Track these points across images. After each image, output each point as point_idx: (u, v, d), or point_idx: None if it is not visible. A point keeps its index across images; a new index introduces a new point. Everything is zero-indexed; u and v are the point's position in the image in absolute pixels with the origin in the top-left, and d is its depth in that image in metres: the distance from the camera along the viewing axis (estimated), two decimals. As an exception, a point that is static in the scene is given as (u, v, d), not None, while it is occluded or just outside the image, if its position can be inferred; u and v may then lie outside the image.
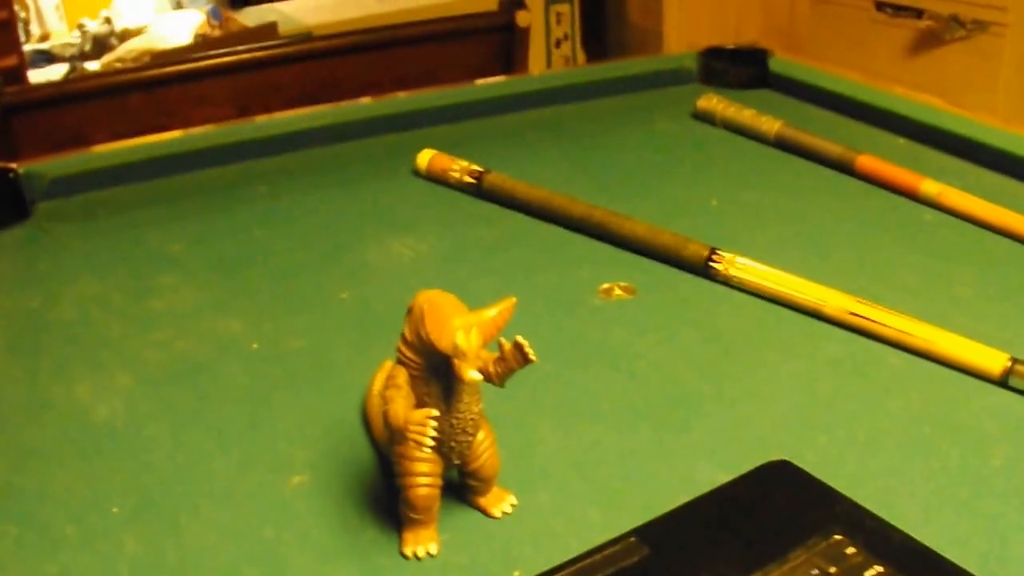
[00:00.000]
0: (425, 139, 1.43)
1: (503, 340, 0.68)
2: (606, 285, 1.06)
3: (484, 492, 0.73)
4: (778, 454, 0.77)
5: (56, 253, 1.21)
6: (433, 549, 0.69)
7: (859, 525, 0.67)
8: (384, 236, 1.21)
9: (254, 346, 0.98)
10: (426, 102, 1.56)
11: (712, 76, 1.68)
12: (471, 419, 0.69)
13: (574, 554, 0.67)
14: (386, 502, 0.74)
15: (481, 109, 1.58)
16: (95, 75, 3.10)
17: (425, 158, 1.36)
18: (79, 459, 0.82)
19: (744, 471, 0.74)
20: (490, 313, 0.65)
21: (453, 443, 0.69)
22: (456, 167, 1.32)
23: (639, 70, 1.70)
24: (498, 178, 1.28)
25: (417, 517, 0.69)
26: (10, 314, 1.08)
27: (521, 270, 1.12)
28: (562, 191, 1.23)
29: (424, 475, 0.68)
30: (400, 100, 1.59)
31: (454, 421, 0.68)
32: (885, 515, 0.68)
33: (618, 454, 0.80)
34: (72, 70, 3.69)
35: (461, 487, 0.74)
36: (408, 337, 0.67)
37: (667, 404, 0.87)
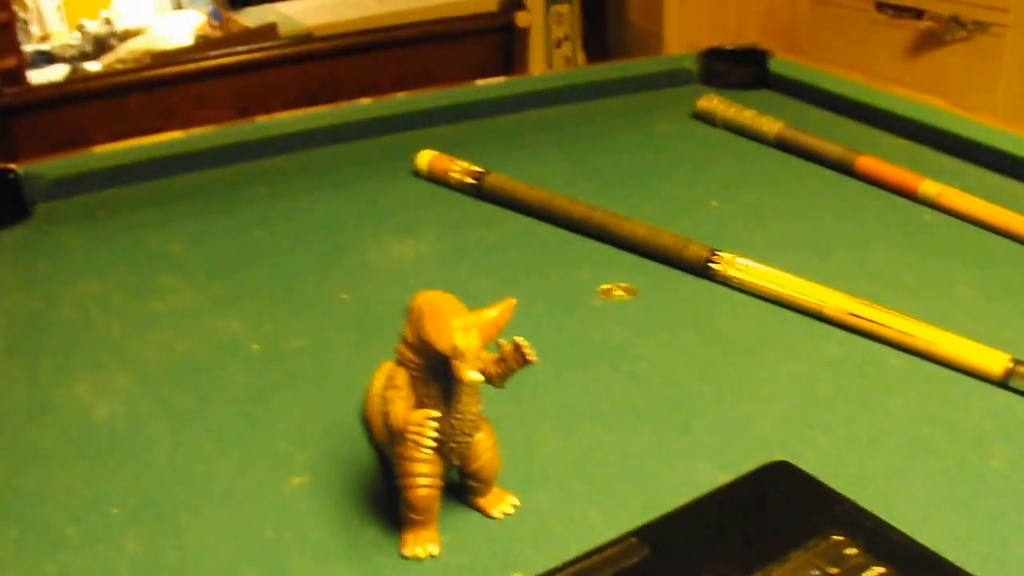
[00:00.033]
0: (425, 140, 1.43)
1: (503, 341, 0.68)
2: (606, 286, 1.06)
3: (484, 493, 0.73)
4: (778, 455, 0.77)
5: (56, 254, 1.21)
6: (433, 550, 0.69)
7: (859, 526, 0.67)
8: (384, 237, 1.21)
9: (254, 347, 0.98)
10: (426, 103, 1.56)
11: (712, 77, 1.68)
12: (471, 420, 0.69)
13: (574, 555, 0.67)
14: (386, 503, 0.74)
15: (481, 110, 1.58)
16: (95, 76, 3.10)
17: (425, 159, 1.36)
18: (79, 460, 0.82)
19: (744, 472, 0.74)
20: (490, 314, 0.65)
21: (453, 444, 0.69)
22: (456, 168, 1.32)
23: (639, 71, 1.70)
24: (498, 179, 1.28)
25: (417, 518, 0.69)
26: (10, 315, 1.08)
27: (521, 271, 1.12)
28: (562, 192, 1.23)
29: (424, 476, 0.68)
30: (400, 101, 1.59)
31: (454, 422, 0.68)
32: (885, 516, 0.68)
33: (618, 455, 0.80)
34: (72, 71, 3.68)
35: (461, 488, 0.74)
36: (408, 338, 0.67)
37: (667, 405, 0.87)
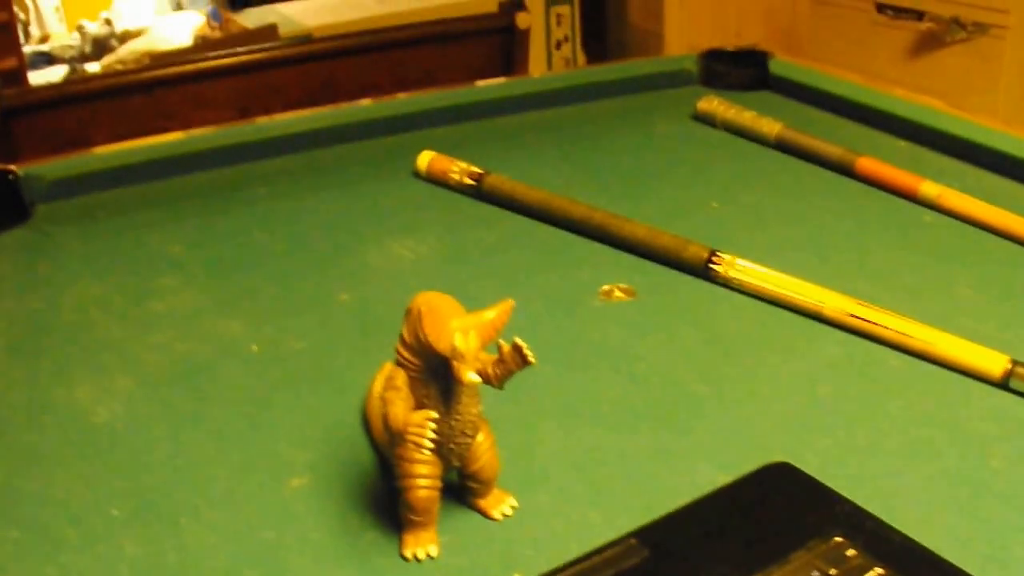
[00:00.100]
0: (425, 141, 1.43)
1: (502, 342, 0.68)
2: (606, 287, 1.06)
3: (484, 494, 0.73)
4: (778, 456, 0.77)
5: (56, 255, 1.21)
6: (433, 551, 0.69)
7: (859, 527, 0.67)
8: (384, 238, 1.21)
9: (254, 348, 0.98)
10: (426, 104, 1.56)
11: (713, 78, 1.68)
12: (470, 421, 0.69)
13: (574, 556, 0.67)
14: (386, 504, 0.74)
15: (481, 111, 1.58)
16: (95, 77, 3.10)
17: (425, 160, 1.36)
18: (79, 461, 0.82)
19: (744, 473, 0.74)
20: (488, 315, 0.65)
21: (452, 445, 0.69)
22: (456, 169, 1.32)
23: (639, 72, 1.70)
24: (498, 180, 1.28)
25: (417, 519, 0.69)
26: (10, 316, 1.08)
27: (521, 272, 1.12)
28: (562, 193, 1.23)
29: (424, 477, 0.68)
30: (400, 102, 1.59)
31: (453, 423, 0.68)
32: (885, 517, 0.68)
33: (618, 456, 0.80)
34: (72, 72, 3.68)
35: (461, 489, 0.74)
36: (407, 339, 0.67)
37: (667, 406, 0.87)
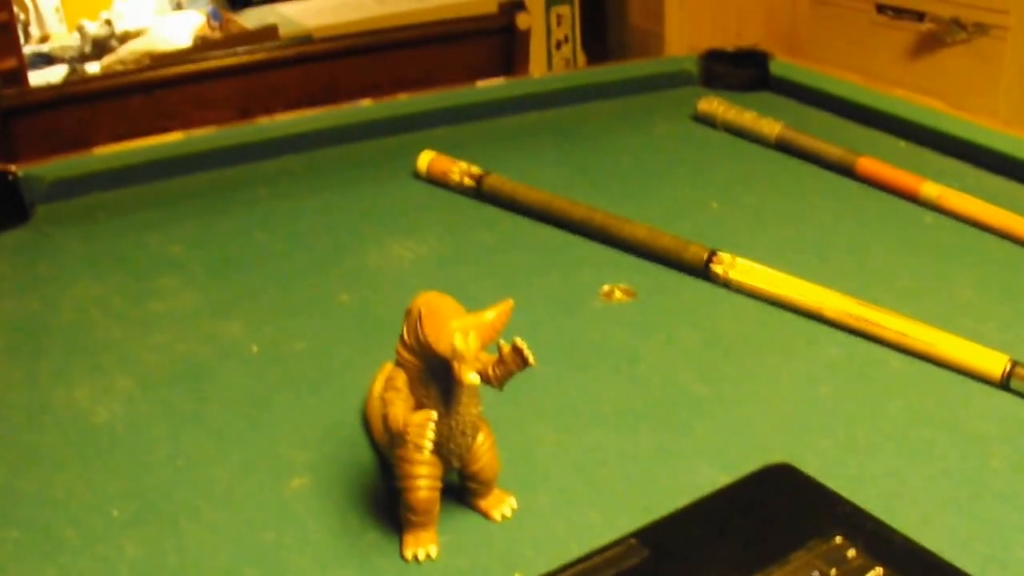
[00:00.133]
0: (425, 141, 1.43)
1: (502, 343, 0.68)
2: (607, 287, 1.06)
3: (484, 495, 0.73)
4: (779, 456, 0.77)
5: (56, 256, 1.21)
6: (433, 552, 0.69)
7: (860, 527, 0.67)
8: (384, 238, 1.21)
9: (254, 348, 0.98)
10: (426, 104, 1.56)
11: (713, 79, 1.68)
12: (470, 421, 0.69)
13: (574, 556, 0.67)
14: (386, 505, 0.74)
15: (481, 111, 1.58)
16: (95, 77, 3.10)
17: (425, 160, 1.36)
18: (79, 462, 0.82)
19: (745, 473, 0.74)
20: (488, 316, 0.65)
21: (453, 445, 0.69)
22: (456, 169, 1.32)
23: (640, 72, 1.70)
24: (498, 180, 1.28)
25: (417, 520, 0.69)
26: (10, 317, 1.08)
27: (521, 273, 1.12)
28: (562, 193, 1.23)
29: (424, 477, 0.68)
30: (400, 102, 1.59)
31: (453, 423, 0.68)
32: (886, 517, 0.68)
33: (619, 456, 0.80)
34: (72, 72, 3.68)
35: (461, 490, 0.74)
36: (407, 340, 0.67)
37: (668, 406, 0.87)
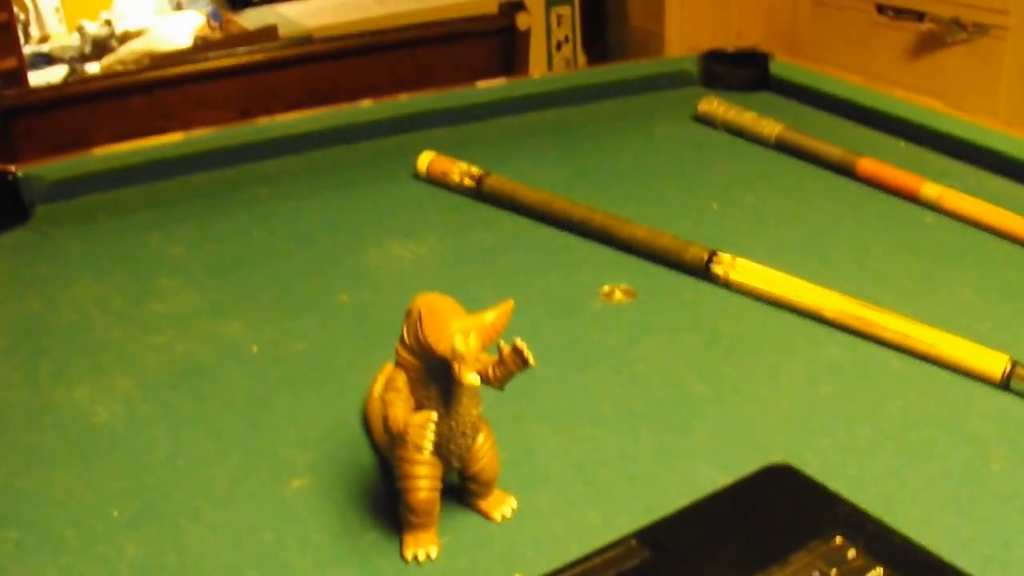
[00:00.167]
0: (425, 141, 1.43)
1: (502, 343, 0.68)
2: (607, 288, 1.06)
3: (484, 495, 0.73)
4: (779, 457, 0.77)
5: (56, 256, 1.21)
6: (433, 552, 0.69)
7: (860, 528, 0.67)
8: (384, 239, 1.21)
9: (254, 349, 0.98)
10: (426, 104, 1.56)
11: (713, 79, 1.68)
12: (470, 422, 0.69)
13: (575, 557, 0.67)
14: (386, 505, 0.74)
15: (481, 112, 1.58)
16: (95, 77, 3.10)
17: (425, 161, 1.36)
18: (79, 462, 0.82)
19: (745, 474, 0.74)
20: (488, 316, 0.65)
21: (453, 446, 0.69)
22: (456, 169, 1.32)
23: (640, 73, 1.70)
24: (498, 181, 1.28)
25: (417, 520, 0.69)
26: (10, 317, 1.08)
27: (521, 273, 1.12)
28: (563, 194, 1.23)
29: (424, 478, 0.68)
30: (400, 103, 1.59)
31: (453, 424, 0.68)
32: (886, 518, 0.68)
33: (619, 457, 0.80)
34: (72, 72, 3.68)
35: (461, 490, 0.74)
36: (407, 340, 0.67)
37: (668, 407, 0.87)
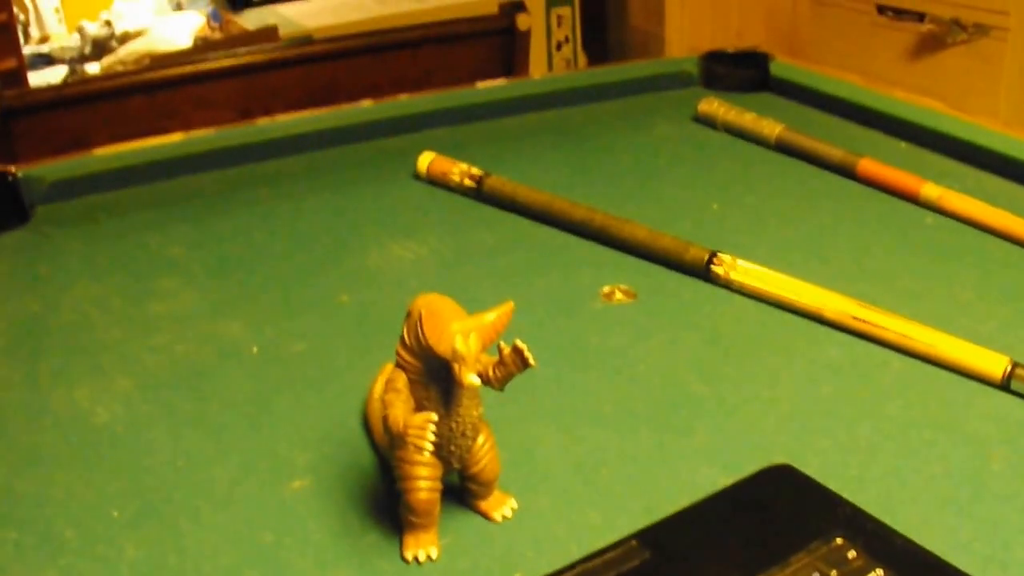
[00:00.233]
0: (426, 142, 1.43)
1: (502, 344, 0.68)
2: (607, 289, 1.06)
3: (485, 496, 0.73)
4: (779, 458, 0.77)
5: (56, 257, 1.21)
6: (434, 553, 0.69)
7: (861, 529, 0.67)
8: (384, 239, 1.21)
9: (254, 349, 0.98)
10: (427, 105, 1.56)
11: (713, 79, 1.68)
12: (471, 423, 0.69)
13: (575, 558, 0.67)
14: (387, 506, 0.74)
15: (482, 112, 1.58)
16: (95, 78, 3.10)
17: (425, 161, 1.36)
18: (79, 463, 0.82)
19: (745, 474, 0.74)
20: (489, 317, 0.65)
21: (453, 447, 0.69)
22: (456, 170, 1.32)
23: (640, 73, 1.70)
24: (499, 181, 1.28)
25: (418, 521, 0.69)
26: (10, 318, 1.08)
27: (522, 274, 1.12)
28: (563, 194, 1.23)
29: (424, 479, 0.68)
30: (401, 103, 1.59)
31: (453, 425, 0.68)
32: (887, 519, 0.68)
33: (619, 457, 0.80)
34: (72, 72, 3.68)
35: (462, 491, 0.74)
36: (407, 341, 0.67)
37: (668, 407, 0.87)
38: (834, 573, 0.62)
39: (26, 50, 3.61)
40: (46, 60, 3.85)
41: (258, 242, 1.23)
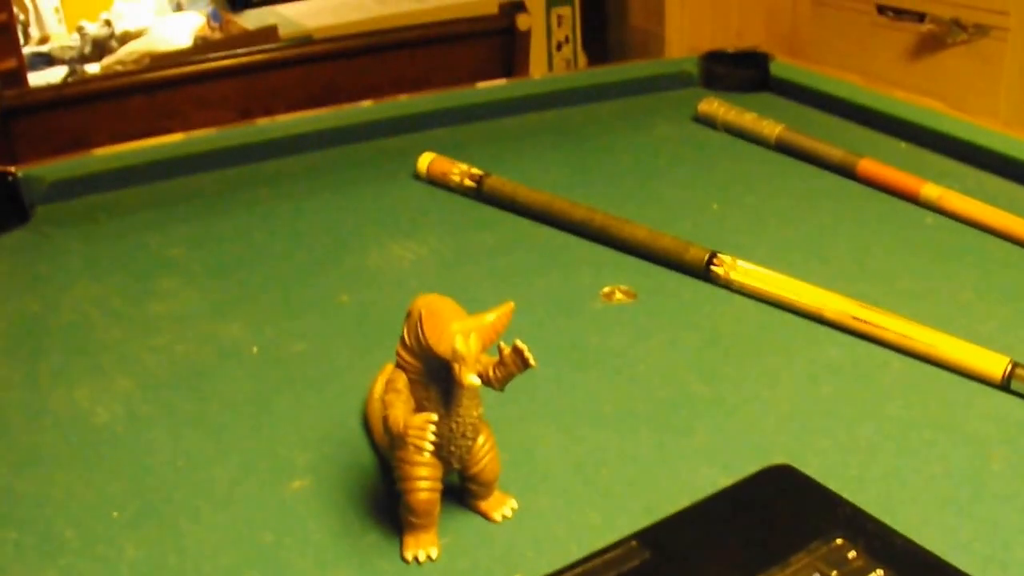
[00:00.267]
0: (426, 142, 1.43)
1: (503, 344, 0.68)
2: (607, 289, 1.06)
3: (485, 496, 0.73)
4: (780, 458, 0.76)
5: (56, 257, 1.21)
6: (434, 553, 0.69)
7: (861, 529, 0.67)
8: (385, 239, 1.21)
9: (254, 350, 0.98)
10: (427, 105, 1.56)
11: (713, 80, 1.68)
12: (471, 423, 0.69)
13: (575, 558, 0.66)
14: (387, 506, 0.74)
15: (482, 112, 1.58)
16: (95, 78, 3.10)
17: (425, 161, 1.36)
18: (79, 463, 0.82)
19: (745, 475, 0.74)
20: (489, 318, 0.65)
21: (453, 447, 0.69)
22: (456, 170, 1.32)
23: (640, 73, 1.70)
24: (499, 181, 1.28)
25: (418, 521, 0.69)
26: (10, 318, 1.08)
27: (522, 274, 1.12)
28: (563, 194, 1.23)
29: (424, 479, 0.68)
30: (401, 103, 1.59)
31: (454, 425, 0.68)
32: (887, 519, 0.68)
33: (619, 457, 0.80)
34: (72, 72, 3.68)
35: (462, 491, 0.74)
36: (407, 341, 0.67)
37: (668, 408, 0.87)
38: (834, 573, 0.62)
39: (26, 50, 3.61)
40: (46, 60, 3.85)
41: (258, 242, 1.23)
